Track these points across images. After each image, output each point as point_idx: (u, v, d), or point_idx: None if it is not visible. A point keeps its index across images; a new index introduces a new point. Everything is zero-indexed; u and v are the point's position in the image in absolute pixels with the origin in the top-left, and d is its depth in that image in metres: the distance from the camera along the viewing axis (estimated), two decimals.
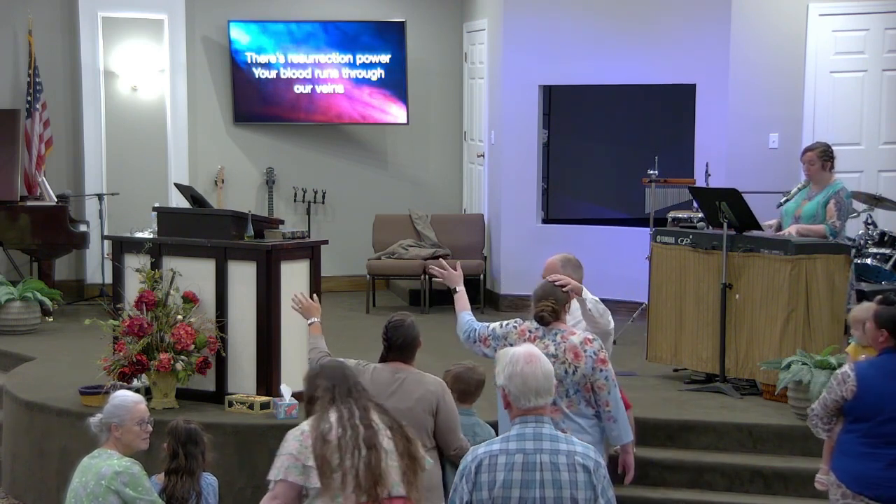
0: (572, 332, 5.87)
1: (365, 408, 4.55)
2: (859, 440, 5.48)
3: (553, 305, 5.86)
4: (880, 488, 5.43)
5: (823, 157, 8.53)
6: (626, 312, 10.89)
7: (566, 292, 5.95)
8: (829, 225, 8.37)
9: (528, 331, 5.92)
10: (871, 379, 5.46)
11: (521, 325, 5.98)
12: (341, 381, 4.61)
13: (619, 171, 14.35)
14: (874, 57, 10.87)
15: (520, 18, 11.70)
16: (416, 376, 5.70)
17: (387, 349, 5.79)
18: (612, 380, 5.83)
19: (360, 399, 4.59)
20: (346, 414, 4.50)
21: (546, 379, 4.21)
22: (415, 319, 5.84)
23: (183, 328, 7.69)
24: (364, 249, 12.42)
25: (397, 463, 4.51)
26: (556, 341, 5.81)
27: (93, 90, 12.09)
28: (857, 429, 5.50)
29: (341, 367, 4.68)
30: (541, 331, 5.88)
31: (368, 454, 4.43)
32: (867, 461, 5.45)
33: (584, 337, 5.84)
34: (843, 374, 5.53)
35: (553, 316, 5.86)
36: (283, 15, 12.80)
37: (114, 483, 5.36)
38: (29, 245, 11.56)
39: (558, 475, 4.11)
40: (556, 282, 6.00)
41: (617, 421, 5.83)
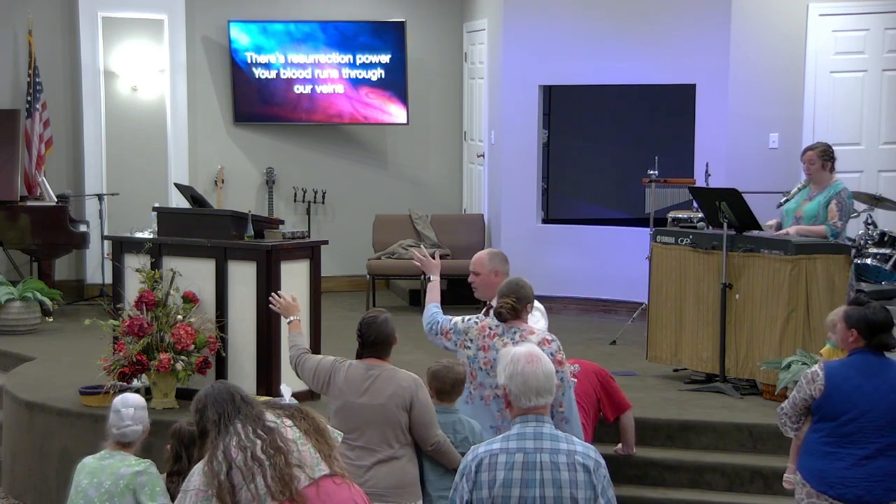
0: (531, 332, 5.88)
1: (257, 416, 4.50)
2: (824, 439, 5.51)
3: (513, 303, 5.89)
4: (843, 487, 5.45)
5: (824, 156, 8.52)
6: (626, 312, 10.89)
7: (530, 292, 5.97)
8: (829, 225, 8.36)
9: (489, 327, 5.96)
10: (839, 378, 5.48)
11: (481, 322, 6.03)
12: (228, 403, 4.57)
13: (619, 171, 14.35)
14: (874, 57, 10.87)
15: (520, 18, 11.71)
16: (390, 373, 5.71)
17: (361, 346, 5.81)
18: (566, 381, 5.85)
19: (250, 411, 4.52)
20: (241, 434, 4.47)
21: (547, 379, 4.21)
22: (389, 316, 5.85)
23: (183, 328, 7.69)
24: (364, 249, 12.42)
25: (309, 444, 4.49)
26: (514, 339, 5.81)
27: (93, 90, 12.09)
28: (823, 428, 5.52)
29: (227, 390, 4.62)
30: (500, 328, 5.91)
31: (273, 460, 4.40)
32: (831, 460, 5.47)
33: (542, 337, 5.85)
34: (812, 374, 5.56)
35: (512, 314, 5.89)
36: (283, 15, 12.80)
37: (133, 483, 5.38)
38: (29, 245, 11.55)
39: (558, 474, 4.11)
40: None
41: (569, 422, 5.85)
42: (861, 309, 5.55)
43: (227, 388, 4.63)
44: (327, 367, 5.87)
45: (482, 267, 6.48)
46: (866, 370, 5.47)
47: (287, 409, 4.58)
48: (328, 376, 5.83)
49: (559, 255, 11.54)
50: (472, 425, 6.10)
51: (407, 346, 9.64)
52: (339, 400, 5.76)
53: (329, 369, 5.85)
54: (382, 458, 5.63)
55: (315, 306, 8.09)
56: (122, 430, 5.57)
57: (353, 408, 5.68)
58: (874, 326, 5.47)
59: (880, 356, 5.51)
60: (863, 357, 5.50)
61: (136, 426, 5.59)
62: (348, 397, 5.72)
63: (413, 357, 8.56)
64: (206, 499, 4.46)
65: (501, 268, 6.45)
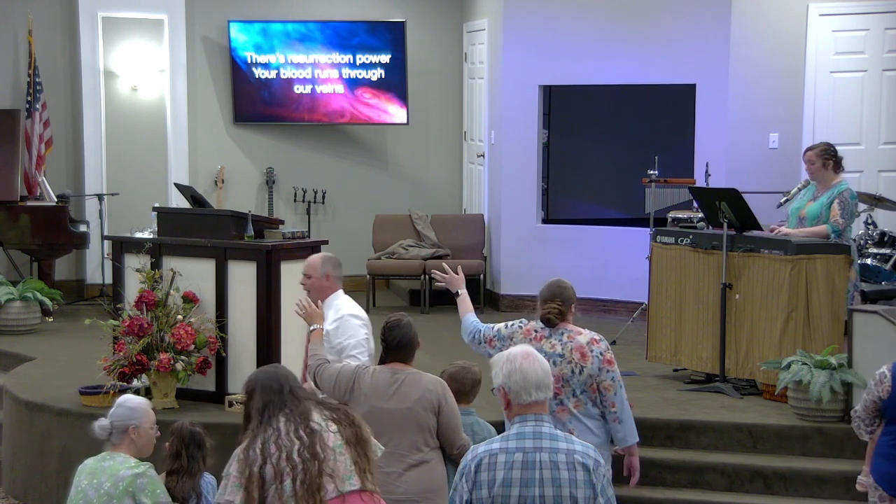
0: (579, 332, 5.88)
1: (303, 414, 4.48)
2: (893, 442, 5.44)
3: (559, 307, 5.88)
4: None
5: (824, 156, 8.45)
6: (626, 312, 10.90)
7: (573, 292, 5.95)
8: (831, 224, 8.30)
9: (534, 330, 5.94)
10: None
11: (526, 326, 6.00)
12: (276, 395, 4.55)
13: (619, 171, 14.35)
14: (874, 57, 10.87)
15: (520, 18, 11.70)
16: (415, 376, 5.69)
17: (385, 350, 5.78)
18: (618, 381, 5.84)
19: (296, 407, 4.51)
20: (281, 431, 4.46)
21: (545, 374, 4.22)
22: (411, 319, 5.83)
23: (183, 328, 7.69)
24: (364, 249, 12.42)
25: (347, 455, 4.47)
26: (562, 341, 5.83)
27: (93, 90, 12.09)
28: (893, 430, 5.45)
29: (277, 379, 4.60)
30: (547, 331, 5.89)
31: (306, 466, 4.39)
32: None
33: (590, 337, 5.86)
34: (880, 375, 5.48)
35: (559, 317, 5.89)
36: (283, 15, 12.80)
37: (132, 485, 5.36)
38: (29, 245, 11.56)
39: (558, 474, 4.11)
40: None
41: (622, 422, 5.83)
42: None
43: (278, 377, 4.59)
44: (349, 373, 5.79)
45: (315, 270, 6.61)
46: None
47: (335, 413, 4.54)
48: (351, 383, 5.75)
49: (559, 255, 11.54)
50: (489, 428, 6.10)
51: None
52: (365, 406, 5.65)
53: (352, 376, 5.77)
54: (413, 462, 5.59)
55: None
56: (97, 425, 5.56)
57: (381, 413, 5.60)
58: None
59: None
60: None
61: (105, 421, 5.56)
62: (374, 403, 5.65)
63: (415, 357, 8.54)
64: (237, 485, 4.47)
65: (333, 272, 6.61)
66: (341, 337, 6.48)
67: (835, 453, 7.39)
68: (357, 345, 6.44)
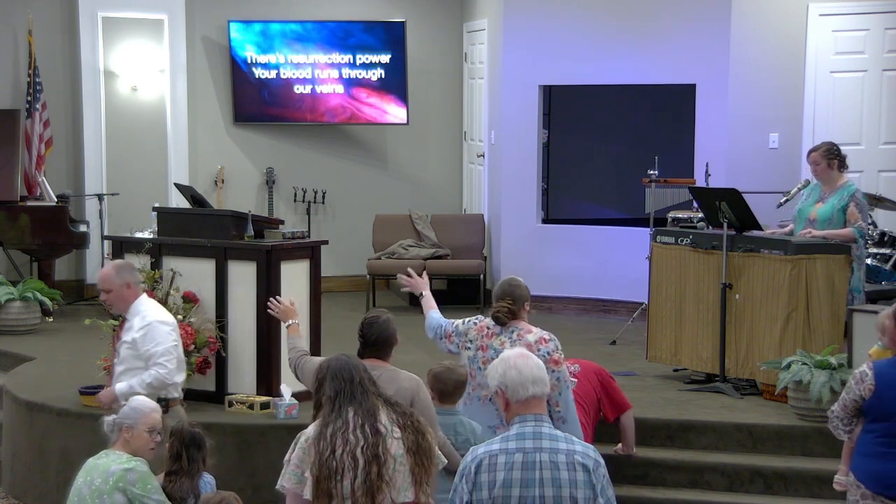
0: (529, 331, 5.98)
1: (370, 411, 4.48)
2: (878, 440, 5.44)
3: (510, 306, 6.00)
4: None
5: (828, 155, 8.42)
6: (626, 312, 10.89)
7: (526, 291, 6.04)
8: (856, 227, 8.26)
9: (486, 327, 6.06)
10: (889, 377, 5.41)
11: (480, 322, 6.11)
12: (347, 384, 4.55)
13: (619, 171, 14.35)
14: (874, 57, 10.87)
15: (520, 18, 11.70)
16: (391, 373, 5.70)
17: (362, 346, 5.81)
18: (563, 381, 5.89)
19: (365, 402, 4.52)
20: (349, 424, 4.45)
21: (540, 370, 4.26)
22: (391, 317, 5.85)
23: (183, 328, 7.68)
24: (364, 249, 12.42)
25: (407, 465, 4.46)
26: (512, 338, 5.94)
27: (93, 90, 12.09)
28: (876, 428, 5.45)
29: (349, 368, 4.60)
30: (497, 328, 6.01)
31: (367, 467, 4.38)
32: (887, 461, 5.41)
33: (540, 336, 5.94)
34: (860, 374, 5.49)
35: (509, 316, 5.99)
36: (283, 15, 12.80)
37: (122, 481, 5.37)
38: (29, 245, 11.55)
39: (557, 474, 4.11)
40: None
41: (566, 422, 5.88)
42: None
43: (350, 367, 4.57)
44: None
45: (112, 283, 6.58)
46: None
47: (402, 417, 4.51)
48: None
49: (559, 255, 11.54)
50: (473, 427, 6.10)
51: (407, 347, 9.63)
52: None
53: None
54: None
55: (315, 306, 8.09)
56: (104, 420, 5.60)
57: None
58: None
59: None
60: None
61: (110, 417, 5.59)
62: None
63: (414, 357, 8.55)
64: (296, 473, 4.47)
65: (131, 278, 6.60)
66: (149, 344, 6.54)
67: (835, 453, 7.35)
68: (165, 352, 6.53)
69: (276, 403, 7.69)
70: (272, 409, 7.72)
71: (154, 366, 6.52)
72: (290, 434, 7.44)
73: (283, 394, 7.68)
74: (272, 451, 7.49)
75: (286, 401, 7.65)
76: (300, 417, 7.60)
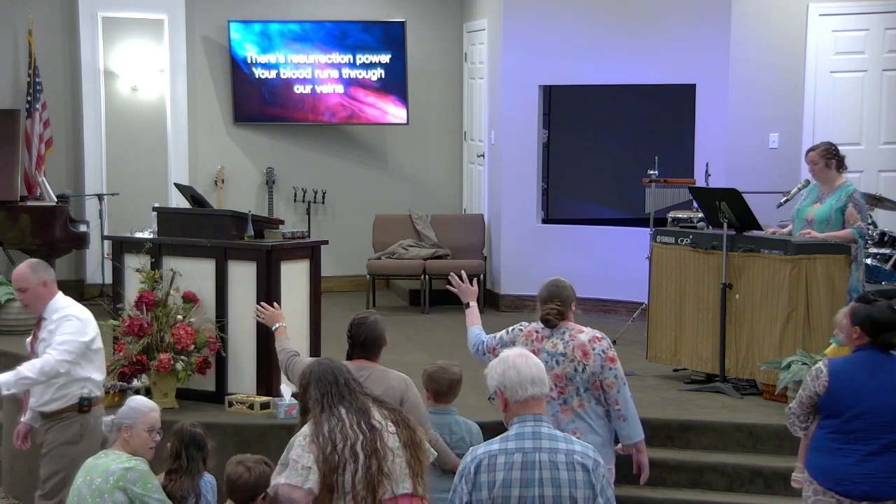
0: (581, 331, 5.89)
1: (362, 409, 4.52)
2: (830, 436, 5.51)
3: (558, 307, 5.89)
4: (849, 484, 5.44)
5: (826, 155, 8.42)
6: (626, 312, 10.90)
7: (572, 291, 5.96)
8: (856, 228, 8.26)
9: (535, 332, 5.95)
10: (842, 374, 5.48)
11: (526, 328, 6.00)
12: (332, 386, 4.58)
13: (619, 171, 14.35)
14: (874, 57, 10.87)
15: (520, 18, 11.70)
16: (379, 373, 5.71)
17: (351, 347, 5.83)
18: (621, 378, 5.85)
19: (355, 401, 4.55)
20: (345, 421, 4.47)
21: (539, 370, 4.25)
22: (380, 318, 5.86)
23: (183, 328, 7.69)
24: (364, 249, 12.42)
25: (402, 457, 4.50)
26: (564, 339, 5.84)
27: (93, 90, 12.09)
28: (829, 425, 5.52)
29: (332, 371, 4.63)
30: (548, 331, 5.90)
31: (367, 461, 4.40)
32: (837, 457, 5.47)
33: (592, 335, 5.88)
34: (816, 370, 5.57)
35: (559, 317, 5.89)
36: (283, 15, 12.79)
37: (122, 480, 5.37)
38: (29, 245, 11.54)
39: (557, 474, 4.11)
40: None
41: (627, 420, 5.85)
42: (867, 307, 5.55)
43: (332, 370, 4.61)
44: None
45: (28, 282, 6.49)
46: (871, 367, 5.47)
47: (392, 413, 4.56)
48: None
49: (559, 255, 11.54)
50: (469, 426, 6.10)
51: (407, 347, 9.64)
52: None
53: None
54: None
55: (315, 306, 8.09)
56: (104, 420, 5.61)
57: None
58: (878, 325, 5.47)
59: (885, 353, 5.50)
60: (867, 354, 5.50)
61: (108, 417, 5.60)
62: None
63: (414, 357, 8.56)
64: (297, 470, 4.49)
65: (48, 276, 6.53)
66: (57, 334, 6.42)
67: None
68: (66, 342, 6.36)
69: (276, 403, 7.69)
70: (272, 409, 7.72)
71: (51, 350, 6.36)
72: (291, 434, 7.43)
73: (283, 394, 7.68)
74: (272, 452, 7.46)
75: (286, 401, 7.65)
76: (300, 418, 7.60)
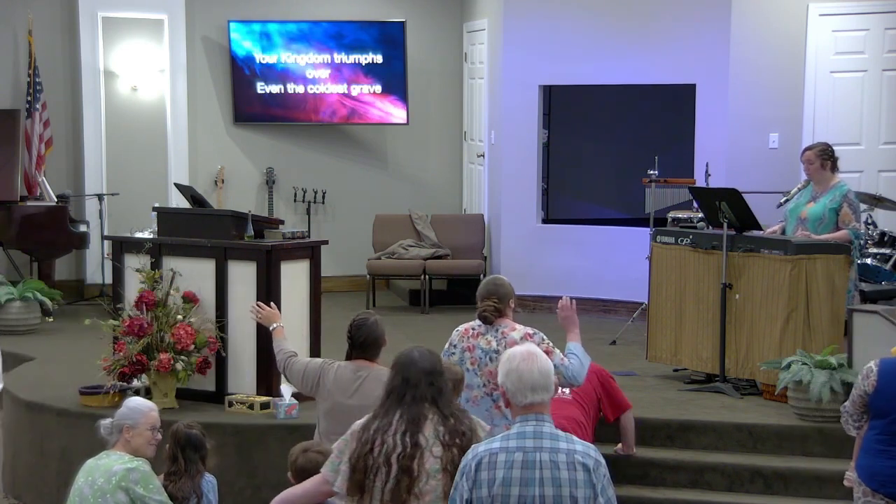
0: (514, 328, 6.02)
1: (415, 419, 4.41)
2: (877, 437, 5.45)
3: (496, 304, 6.03)
4: (894, 486, 5.39)
5: (822, 156, 8.46)
6: (626, 312, 10.89)
7: (510, 288, 6.08)
8: (851, 229, 8.27)
9: (471, 328, 6.11)
10: (891, 375, 5.41)
11: (463, 327, 6.16)
12: (403, 383, 4.48)
13: (619, 171, 14.34)
14: (874, 57, 10.87)
15: (520, 18, 11.70)
16: (378, 373, 5.71)
17: (350, 347, 5.86)
18: (560, 364, 5.88)
19: (413, 407, 4.44)
20: (392, 427, 4.43)
21: (542, 376, 4.22)
22: (379, 319, 5.88)
23: (183, 328, 7.69)
24: (364, 249, 12.42)
25: (440, 481, 4.42)
26: (497, 337, 5.98)
27: (93, 90, 12.09)
28: (876, 425, 5.46)
29: (414, 367, 4.50)
30: (483, 327, 6.05)
31: (399, 476, 4.37)
32: (883, 458, 5.41)
33: (524, 332, 5.98)
34: (867, 369, 5.49)
35: (496, 314, 6.03)
36: (283, 15, 12.80)
37: (124, 480, 5.37)
38: (29, 245, 11.56)
39: (558, 473, 4.10)
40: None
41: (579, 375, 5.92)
42: None
43: (415, 367, 4.51)
44: (316, 368, 5.94)
45: None
46: None
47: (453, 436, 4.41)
48: (317, 378, 5.89)
49: (559, 255, 11.54)
50: None
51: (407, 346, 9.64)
52: (329, 401, 5.82)
53: (318, 371, 5.91)
54: None
55: (315, 306, 8.09)
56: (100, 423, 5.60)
57: (343, 409, 5.70)
58: None
59: None
60: None
61: (107, 420, 5.60)
62: (338, 398, 5.77)
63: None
64: (332, 462, 4.48)
65: None
66: None
67: (835, 453, 7.38)
68: None
69: (276, 403, 7.69)
70: (272, 409, 7.72)
71: None
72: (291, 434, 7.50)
73: (283, 394, 7.68)
74: (272, 451, 7.50)
75: (286, 401, 7.65)
76: (300, 417, 7.61)
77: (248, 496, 7.52)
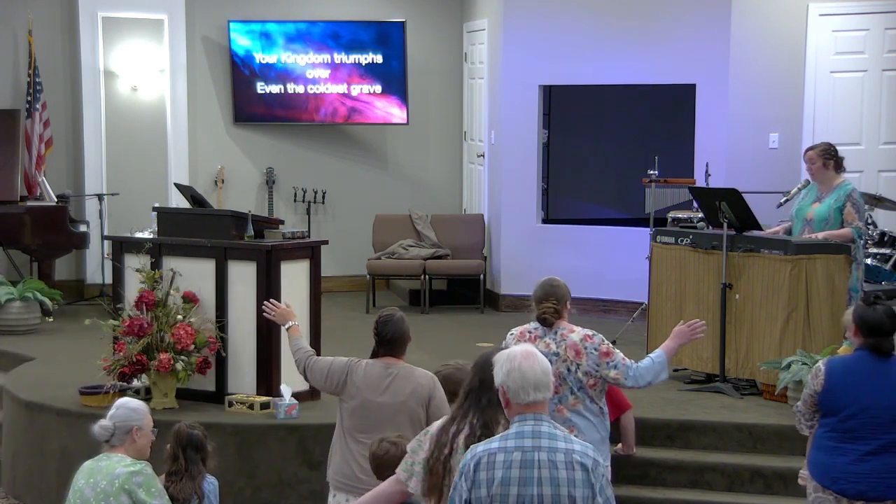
0: (572, 330, 5.92)
1: (487, 424, 4.39)
2: (828, 434, 5.52)
3: (555, 306, 5.91)
4: (846, 483, 5.44)
5: (824, 155, 8.44)
6: (626, 312, 10.89)
7: (566, 290, 5.98)
8: (855, 228, 8.27)
9: (528, 332, 5.99)
10: (839, 373, 5.49)
11: (518, 330, 6.05)
12: (479, 384, 4.44)
13: (619, 171, 14.35)
14: (874, 57, 10.87)
15: (520, 18, 11.71)
16: (407, 371, 5.74)
17: (377, 344, 5.83)
18: (623, 364, 5.84)
19: (487, 410, 4.41)
20: (467, 430, 4.43)
21: (544, 374, 4.21)
22: (404, 314, 5.87)
23: (183, 328, 7.69)
24: (364, 249, 12.42)
25: None
26: (556, 339, 5.87)
27: (93, 90, 12.09)
28: (827, 423, 5.53)
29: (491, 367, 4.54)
30: (541, 330, 5.93)
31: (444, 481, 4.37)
32: (834, 455, 5.48)
33: (583, 334, 5.90)
34: (816, 369, 5.59)
35: (556, 316, 5.93)
36: (283, 15, 12.80)
37: (128, 483, 5.37)
38: (29, 245, 11.56)
39: (556, 473, 4.10)
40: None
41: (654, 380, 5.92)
42: (864, 307, 5.54)
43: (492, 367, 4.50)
44: (342, 366, 5.85)
45: None
46: (868, 367, 5.46)
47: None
48: (344, 376, 5.81)
49: (559, 255, 11.54)
50: None
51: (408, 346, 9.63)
52: (357, 399, 5.75)
53: (344, 369, 5.83)
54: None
55: (315, 306, 8.09)
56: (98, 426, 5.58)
57: (374, 406, 5.69)
58: (869, 327, 5.46)
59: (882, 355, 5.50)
60: (865, 355, 5.49)
61: (107, 422, 5.58)
62: (367, 396, 5.73)
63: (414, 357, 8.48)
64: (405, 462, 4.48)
65: None
66: None
67: None
68: None
69: (276, 403, 7.69)
70: (272, 409, 7.72)
71: None
72: (290, 434, 7.51)
73: (283, 394, 7.68)
74: (272, 452, 7.50)
75: (286, 401, 7.65)
76: (300, 417, 7.61)
77: (248, 496, 7.53)
